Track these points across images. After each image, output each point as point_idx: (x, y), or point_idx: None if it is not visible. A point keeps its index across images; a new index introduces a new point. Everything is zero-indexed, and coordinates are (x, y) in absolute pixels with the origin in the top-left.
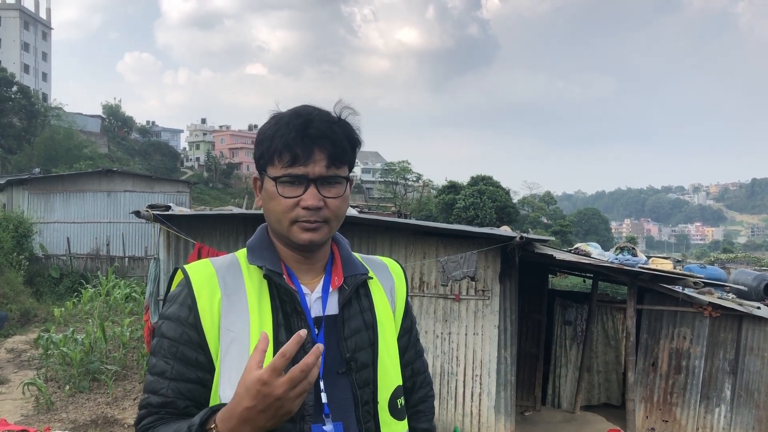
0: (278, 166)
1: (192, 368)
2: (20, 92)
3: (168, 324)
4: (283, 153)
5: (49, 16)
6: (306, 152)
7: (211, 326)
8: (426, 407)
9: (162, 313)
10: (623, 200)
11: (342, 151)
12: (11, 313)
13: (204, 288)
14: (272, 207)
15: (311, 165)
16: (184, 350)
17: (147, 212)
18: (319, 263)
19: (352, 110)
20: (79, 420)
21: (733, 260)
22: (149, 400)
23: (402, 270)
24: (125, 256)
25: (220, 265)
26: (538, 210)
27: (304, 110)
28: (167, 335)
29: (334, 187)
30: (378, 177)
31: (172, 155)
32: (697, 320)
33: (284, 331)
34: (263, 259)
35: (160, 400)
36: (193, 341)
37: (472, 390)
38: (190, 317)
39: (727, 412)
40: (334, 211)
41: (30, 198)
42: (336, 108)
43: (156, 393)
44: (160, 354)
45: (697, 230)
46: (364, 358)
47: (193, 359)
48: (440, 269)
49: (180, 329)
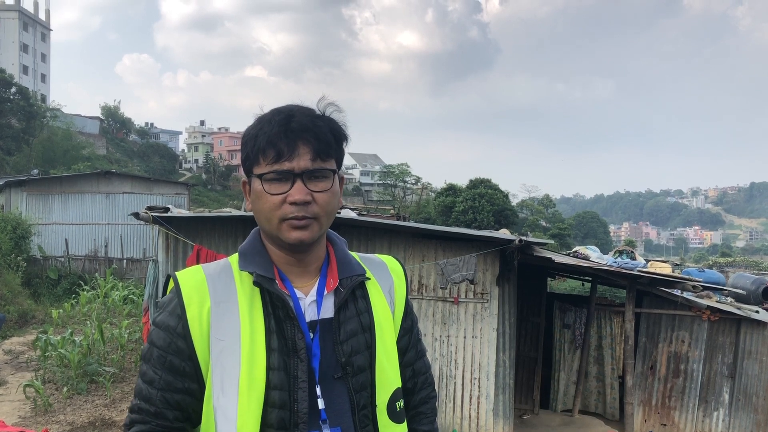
0: (263, 164)
1: (180, 378)
2: (19, 93)
3: (158, 332)
4: (267, 150)
5: (48, 17)
6: (290, 147)
7: (200, 335)
8: (427, 408)
9: (153, 320)
10: (622, 204)
11: (327, 144)
12: (9, 315)
13: (194, 296)
14: (260, 206)
15: (296, 159)
16: (173, 360)
17: (146, 214)
18: (314, 265)
19: (336, 107)
20: (77, 422)
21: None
22: (141, 406)
23: (402, 268)
24: (123, 257)
25: (212, 272)
26: (536, 213)
27: (286, 107)
28: (156, 344)
29: (322, 181)
30: (377, 179)
31: (170, 157)
32: (695, 324)
33: (276, 338)
34: (255, 264)
35: (151, 409)
36: (182, 351)
37: (470, 393)
38: (178, 327)
39: (726, 416)
40: (323, 206)
41: (28, 199)
42: (319, 104)
43: (146, 401)
44: (150, 362)
45: (695, 234)
46: (361, 361)
47: (180, 369)
48: (439, 272)
49: (169, 339)
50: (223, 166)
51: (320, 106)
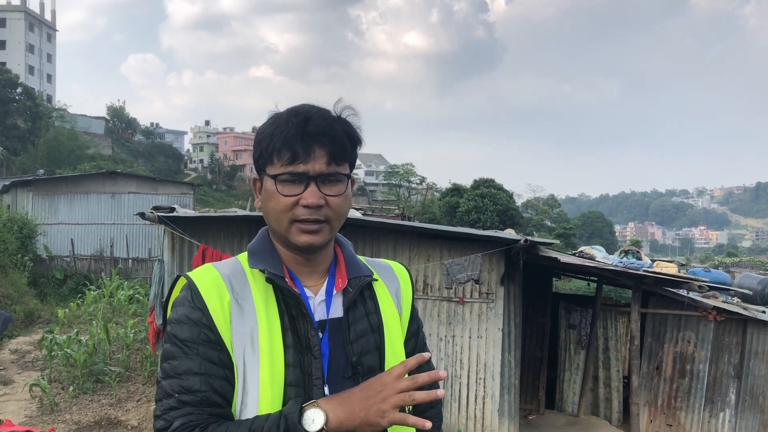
0: (278, 164)
1: (217, 366)
2: (25, 94)
3: (181, 327)
4: (282, 151)
5: (54, 17)
6: (306, 149)
7: (224, 327)
8: (433, 414)
9: (171, 318)
10: (627, 203)
11: (342, 149)
12: (15, 314)
13: (212, 291)
14: (271, 206)
15: (311, 162)
16: (205, 349)
17: (151, 214)
18: (322, 265)
19: (352, 110)
20: (83, 421)
21: (737, 264)
22: (182, 398)
23: (408, 273)
24: (129, 257)
25: (224, 269)
26: (541, 213)
27: (303, 108)
28: (181, 337)
29: (335, 185)
30: (381, 179)
31: (175, 157)
32: (701, 324)
33: (291, 335)
34: (265, 262)
35: (196, 398)
36: (212, 340)
37: (475, 393)
38: (203, 318)
39: (732, 417)
40: (336, 210)
41: (34, 199)
42: (336, 107)
43: (188, 392)
44: (176, 358)
45: (701, 234)
46: (371, 362)
47: (215, 357)
48: (444, 272)
49: (196, 329)
50: (228, 166)
51: (337, 108)
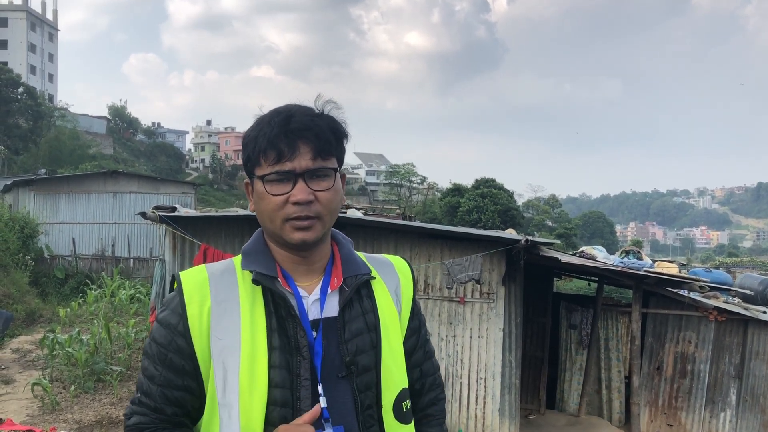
0: (265, 165)
1: (179, 376)
2: (26, 93)
3: (159, 329)
4: (267, 151)
5: (56, 17)
6: (290, 147)
7: (200, 334)
8: (436, 410)
9: (156, 316)
10: (628, 203)
11: (327, 143)
12: (17, 314)
13: (194, 295)
14: (263, 207)
15: (297, 159)
16: (173, 358)
17: (153, 213)
18: (318, 264)
19: (334, 103)
20: (84, 420)
21: (738, 264)
22: (141, 399)
23: (409, 267)
24: (130, 257)
25: (215, 271)
26: (542, 213)
27: (285, 107)
28: (158, 341)
29: (324, 180)
30: (382, 179)
31: (177, 157)
32: (702, 324)
33: (278, 336)
34: (257, 263)
35: (151, 403)
36: (182, 349)
37: (476, 393)
38: (179, 325)
39: (733, 417)
40: (326, 205)
41: (36, 199)
42: (317, 102)
43: (146, 395)
44: (151, 358)
45: (702, 234)
46: (366, 361)
47: (180, 367)
48: (445, 272)
49: (170, 336)
50: (230, 166)
51: (318, 104)
